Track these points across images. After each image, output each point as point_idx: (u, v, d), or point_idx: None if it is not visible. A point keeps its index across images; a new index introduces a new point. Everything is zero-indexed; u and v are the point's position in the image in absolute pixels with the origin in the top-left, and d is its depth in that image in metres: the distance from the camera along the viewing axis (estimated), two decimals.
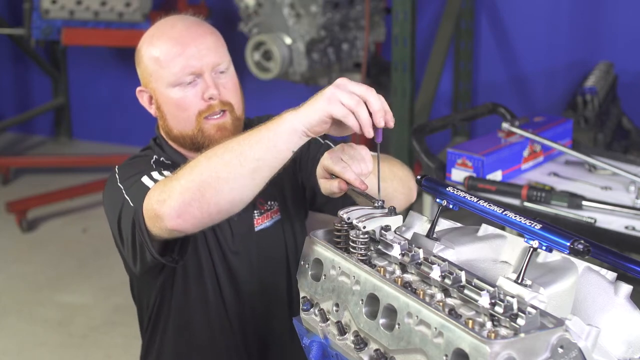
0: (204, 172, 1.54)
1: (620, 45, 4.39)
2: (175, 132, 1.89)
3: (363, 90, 1.48)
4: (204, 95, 1.84)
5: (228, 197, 1.55)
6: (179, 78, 1.83)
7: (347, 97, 1.46)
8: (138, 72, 1.93)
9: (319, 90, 1.52)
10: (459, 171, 2.70)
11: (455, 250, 1.39)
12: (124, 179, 1.77)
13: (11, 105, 6.35)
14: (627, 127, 3.96)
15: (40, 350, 3.65)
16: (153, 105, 1.92)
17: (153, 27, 1.92)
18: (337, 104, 1.46)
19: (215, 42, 1.88)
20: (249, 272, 1.95)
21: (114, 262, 4.35)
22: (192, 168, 1.57)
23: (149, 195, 1.64)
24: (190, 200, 1.54)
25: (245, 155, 1.52)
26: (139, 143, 6.44)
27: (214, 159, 1.54)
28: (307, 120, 1.49)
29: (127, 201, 1.71)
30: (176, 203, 1.56)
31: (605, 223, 2.42)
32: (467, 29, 4.71)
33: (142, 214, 1.65)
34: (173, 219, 1.57)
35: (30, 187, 5.29)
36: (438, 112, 4.71)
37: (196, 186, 1.54)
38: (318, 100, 1.49)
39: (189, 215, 1.56)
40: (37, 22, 4.86)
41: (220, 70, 1.87)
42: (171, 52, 1.84)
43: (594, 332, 1.25)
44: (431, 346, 1.20)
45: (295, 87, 4.87)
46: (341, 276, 1.41)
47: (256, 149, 1.52)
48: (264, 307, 1.98)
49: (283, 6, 4.30)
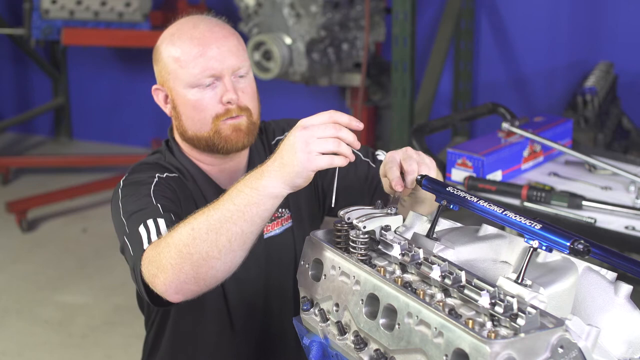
0: (193, 254, 1.51)
1: (620, 45, 4.39)
2: (189, 134, 1.87)
3: (331, 130, 1.45)
4: (223, 99, 1.82)
5: (222, 269, 1.54)
6: (198, 79, 1.81)
7: (323, 145, 1.44)
8: (155, 69, 1.89)
9: (285, 143, 1.47)
10: (459, 171, 2.69)
11: (455, 250, 1.39)
12: (126, 212, 1.74)
13: (11, 105, 6.35)
14: (627, 127, 3.96)
15: (40, 350, 3.65)
16: (169, 104, 1.89)
17: (174, 25, 1.88)
18: (317, 156, 1.44)
19: (237, 45, 1.85)
20: (256, 277, 1.94)
21: (114, 262, 4.38)
22: (180, 248, 1.52)
23: (144, 263, 1.61)
24: (185, 278, 1.53)
25: (232, 232, 1.50)
26: (139, 143, 6.45)
27: (199, 241, 1.51)
28: (292, 183, 1.47)
29: (127, 245, 1.70)
30: (171, 282, 1.54)
31: (605, 223, 2.42)
32: (467, 29, 4.71)
33: (140, 272, 1.63)
34: (172, 295, 1.56)
35: (30, 187, 5.29)
36: (438, 112, 4.71)
37: (189, 266, 1.51)
38: (295, 163, 1.45)
39: (187, 290, 1.55)
40: (37, 22, 4.85)
41: (240, 74, 1.85)
42: (192, 53, 1.81)
43: (594, 332, 1.25)
44: (431, 346, 1.20)
45: (295, 87, 4.88)
46: (341, 276, 1.42)
47: (241, 224, 1.49)
48: (269, 310, 1.98)
49: (283, 6, 4.30)
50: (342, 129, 1.46)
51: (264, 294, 1.96)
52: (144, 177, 1.83)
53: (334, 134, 1.45)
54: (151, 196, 1.76)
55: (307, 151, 1.44)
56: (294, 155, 1.45)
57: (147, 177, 1.82)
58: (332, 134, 1.45)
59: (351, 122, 1.49)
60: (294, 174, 1.46)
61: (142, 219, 1.69)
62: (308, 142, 1.44)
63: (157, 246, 1.59)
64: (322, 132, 1.45)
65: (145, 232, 1.67)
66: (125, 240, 1.71)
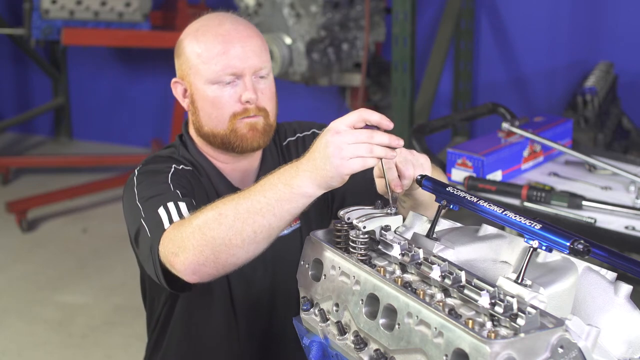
0: (217, 238, 1.51)
1: (620, 45, 4.39)
2: (205, 129, 1.87)
3: (365, 136, 1.44)
4: (242, 98, 1.82)
5: (244, 257, 1.55)
6: (219, 76, 1.82)
7: (356, 150, 1.43)
8: (176, 63, 1.90)
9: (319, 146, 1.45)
10: (459, 171, 2.70)
11: (455, 250, 1.39)
12: (142, 197, 1.75)
13: (11, 105, 6.34)
14: (627, 127, 3.96)
15: (40, 350, 3.65)
16: (187, 99, 1.90)
17: (198, 21, 1.89)
18: (350, 162, 1.43)
19: (261, 46, 1.86)
20: (262, 276, 1.95)
21: (114, 262, 4.38)
22: (204, 231, 1.53)
23: (164, 242, 1.62)
24: (205, 261, 1.54)
25: (259, 224, 1.50)
26: (139, 143, 6.44)
27: (225, 227, 1.51)
28: (326, 185, 1.46)
29: (144, 228, 1.70)
30: (190, 262, 1.54)
31: (605, 223, 2.42)
32: (467, 29, 4.71)
33: (157, 252, 1.64)
34: (189, 275, 1.57)
35: (30, 187, 5.29)
36: (438, 112, 4.71)
37: (210, 250, 1.52)
38: (329, 168, 1.44)
39: (204, 273, 1.56)
40: (37, 22, 4.85)
41: (261, 75, 1.85)
42: (215, 49, 1.82)
43: (594, 332, 1.25)
44: (431, 346, 1.20)
45: (295, 87, 4.87)
46: (341, 276, 1.42)
47: (269, 217, 1.49)
48: (273, 310, 1.98)
49: (283, 6, 4.30)
50: (375, 133, 1.45)
51: (270, 293, 1.97)
52: (161, 167, 1.84)
53: (366, 139, 1.44)
54: (169, 183, 1.78)
55: (340, 157, 1.43)
56: (327, 160, 1.44)
57: (163, 167, 1.84)
58: (364, 139, 1.44)
59: (382, 121, 1.48)
60: (328, 178, 1.45)
61: (162, 202, 1.70)
62: (341, 148, 1.43)
63: (180, 226, 1.60)
64: (354, 137, 1.44)
65: (166, 214, 1.68)
66: (141, 223, 1.71)
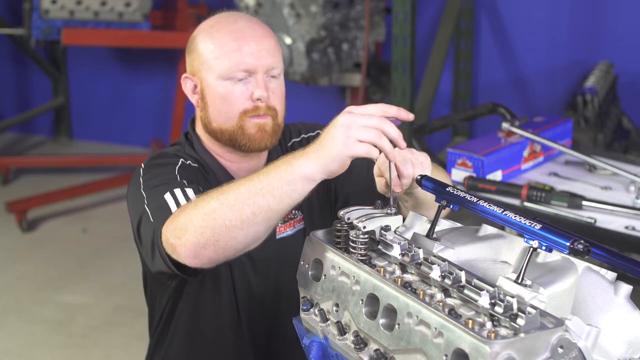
0: (217, 219, 1.52)
1: (620, 45, 4.39)
2: (214, 125, 1.87)
3: (376, 122, 1.43)
4: (253, 96, 1.83)
5: (243, 241, 1.54)
6: (231, 72, 1.82)
7: (364, 133, 1.43)
8: (187, 59, 1.91)
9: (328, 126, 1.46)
10: (459, 171, 2.70)
11: (455, 250, 1.39)
12: (148, 186, 1.76)
13: (11, 105, 6.35)
14: (627, 127, 3.96)
15: (40, 350, 3.65)
16: (196, 94, 1.90)
17: (213, 18, 1.90)
18: (355, 142, 1.43)
19: (274, 46, 1.88)
20: (266, 277, 1.95)
21: (114, 262, 4.38)
22: (206, 212, 1.54)
23: (168, 224, 1.62)
24: (205, 244, 1.54)
25: (258, 205, 1.49)
26: (139, 143, 6.45)
27: (226, 207, 1.51)
28: (326, 169, 1.46)
29: (147, 213, 1.70)
30: (191, 244, 1.55)
31: (605, 223, 2.42)
32: (467, 29, 4.71)
33: (160, 235, 1.64)
34: (189, 258, 1.57)
35: (30, 187, 5.29)
36: (438, 112, 4.71)
37: (210, 232, 1.52)
38: (332, 145, 1.44)
39: (205, 257, 1.56)
40: (37, 22, 4.85)
41: (273, 74, 1.87)
42: (229, 45, 1.83)
43: (594, 332, 1.25)
44: (431, 346, 1.20)
45: (295, 87, 4.87)
46: (341, 276, 1.42)
47: (269, 199, 1.49)
48: (277, 310, 1.98)
49: (283, 6, 4.30)
50: (387, 123, 1.44)
51: (273, 293, 1.97)
52: (168, 161, 1.85)
53: (377, 125, 1.44)
54: (176, 174, 1.79)
55: (346, 135, 1.43)
56: (333, 138, 1.44)
57: (170, 160, 1.85)
58: (375, 124, 1.43)
59: (400, 112, 1.47)
60: (330, 157, 1.44)
61: (168, 188, 1.71)
62: (349, 127, 1.43)
63: (184, 209, 1.61)
64: (366, 120, 1.43)
65: (173, 199, 1.69)
66: (144, 209, 1.71)
